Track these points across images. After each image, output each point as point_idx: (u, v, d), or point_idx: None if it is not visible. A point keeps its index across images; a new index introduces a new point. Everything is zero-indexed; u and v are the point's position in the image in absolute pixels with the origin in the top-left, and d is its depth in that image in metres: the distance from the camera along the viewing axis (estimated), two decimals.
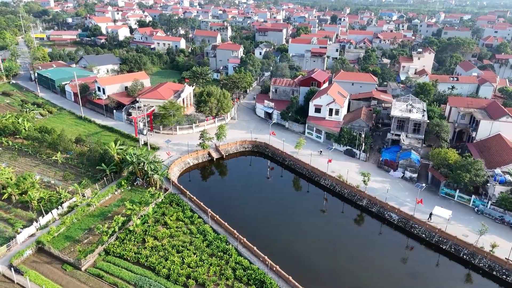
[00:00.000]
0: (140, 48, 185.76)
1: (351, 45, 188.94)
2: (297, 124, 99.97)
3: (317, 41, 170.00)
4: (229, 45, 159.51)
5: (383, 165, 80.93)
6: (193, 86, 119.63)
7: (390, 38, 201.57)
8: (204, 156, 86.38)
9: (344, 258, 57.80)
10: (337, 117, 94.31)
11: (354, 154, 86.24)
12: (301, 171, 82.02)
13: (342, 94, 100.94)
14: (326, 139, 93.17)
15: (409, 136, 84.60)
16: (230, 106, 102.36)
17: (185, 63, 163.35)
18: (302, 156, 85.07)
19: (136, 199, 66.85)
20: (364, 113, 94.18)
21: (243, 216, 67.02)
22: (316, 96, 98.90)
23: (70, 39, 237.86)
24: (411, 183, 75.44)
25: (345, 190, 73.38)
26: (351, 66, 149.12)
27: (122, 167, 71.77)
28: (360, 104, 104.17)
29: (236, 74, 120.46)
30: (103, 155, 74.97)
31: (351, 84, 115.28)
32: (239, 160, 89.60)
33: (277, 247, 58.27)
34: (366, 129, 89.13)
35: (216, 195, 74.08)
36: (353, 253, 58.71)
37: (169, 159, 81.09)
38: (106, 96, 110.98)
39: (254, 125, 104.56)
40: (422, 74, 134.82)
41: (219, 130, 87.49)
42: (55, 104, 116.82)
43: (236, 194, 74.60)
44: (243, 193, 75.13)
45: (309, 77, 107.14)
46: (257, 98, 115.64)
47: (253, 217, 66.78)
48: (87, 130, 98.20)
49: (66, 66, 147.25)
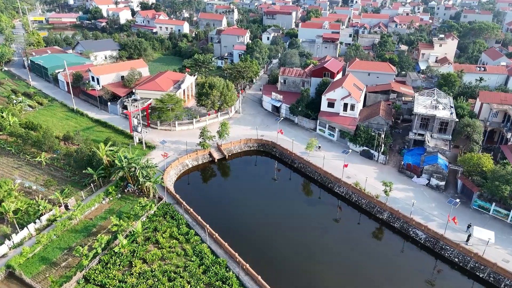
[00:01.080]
0: (141, 33, 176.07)
1: (365, 29, 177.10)
2: (308, 119, 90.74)
3: (329, 25, 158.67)
4: (235, 30, 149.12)
5: (405, 170, 71.84)
6: (195, 76, 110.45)
7: (407, 22, 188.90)
8: (204, 156, 77.96)
9: (364, 280, 49.71)
10: (352, 112, 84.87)
11: (371, 156, 77.16)
12: (312, 176, 73.35)
13: (358, 86, 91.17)
14: (340, 137, 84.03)
15: (435, 137, 75.17)
16: (234, 99, 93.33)
17: (188, 49, 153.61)
18: (313, 157, 76.24)
19: (126, 210, 58.99)
20: (382, 109, 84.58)
21: (246, 231, 58.93)
22: (329, 89, 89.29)
23: (70, 22, 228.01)
24: (438, 192, 66.49)
25: (362, 200, 64.69)
26: (366, 53, 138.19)
27: (111, 172, 63.67)
28: (378, 98, 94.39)
29: (242, 62, 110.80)
30: (91, 157, 66.95)
31: (367, 75, 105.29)
32: (243, 161, 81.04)
33: (285, 273, 50.28)
34: (385, 128, 79.78)
35: (216, 203, 65.88)
36: (373, 274, 50.58)
37: (165, 161, 72.84)
38: (101, 86, 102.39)
39: (260, 120, 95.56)
40: (444, 62, 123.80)
41: (222, 127, 78.75)
42: (47, 94, 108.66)
43: (239, 202, 66.36)
44: (247, 201, 66.84)
45: (321, 67, 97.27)
46: (264, 89, 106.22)
47: (257, 233, 58.60)
48: (79, 124, 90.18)
49: (62, 52, 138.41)
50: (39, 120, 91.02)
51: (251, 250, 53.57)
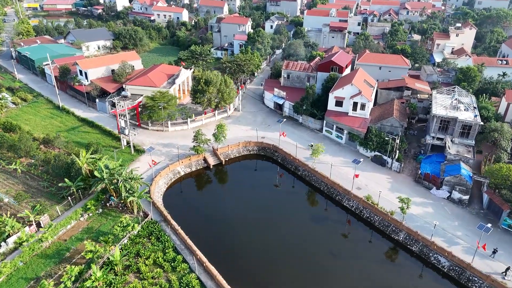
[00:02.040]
0: (137, 20, 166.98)
1: (374, 17, 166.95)
2: (313, 119, 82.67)
3: (336, 13, 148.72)
4: (236, 18, 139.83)
5: (423, 180, 63.99)
6: (192, 69, 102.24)
7: (419, 8, 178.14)
8: (198, 162, 70.44)
9: None
10: (363, 112, 76.67)
11: (384, 162, 69.28)
12: (317, 186, 65.71)
13: (369, 83, 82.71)
14: (349, 140, 76.07)
15: (456, 142, 67.05)
16: (233, 96, 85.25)
17: (186, 38, 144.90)
18: (319, 164, 68.50)
19: (106, 229, 51.92)
20: (396, 109, 76.29)
21: (243, 253, 51.75)
22: (337, 85, 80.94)
23: (66, 9, 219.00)
24: (461, 207, 58.73)
25: (375, 217, 57.11)
26: (376, 44, 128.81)
27: (91, 184, 56.41)
28: (390, 95, 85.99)
29: (242, 54, 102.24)
30: (69, 166, 59.66)
31: (378, 69, 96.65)
32: (242, 167, 73.45)
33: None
34: (400, 130, 71.67)
35: (209, 219, 58.55)
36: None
37: (155, 168, 65.49)
38: (89, 81, 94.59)
39: (261, 119, 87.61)
40: (460, 54, 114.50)
41: (218, 130, 70.98)
42: (33, 89, 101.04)
43: (236, 217, 59.04)
44: (245, 216, 59.52)
45: (328, 61, 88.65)
46: (266, 84, 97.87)
47: (256, 255, 51.47)
48: (63, 124, 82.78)
49: (52, 43, 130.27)
50: (20, 119, 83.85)
51: (249, 280, 46.48)
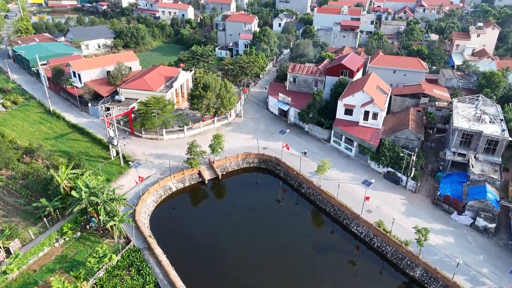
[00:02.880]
0: (141, 17, 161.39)
1: (388, 15, 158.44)
2: (321, 128, 75.84)
3: (348, 10, 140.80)
4: (241, 16, 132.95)
5: (442, 202, 56.83)
6: (192, 71, 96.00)
7: (436, 5, 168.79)
8: (192, 177, 64.27)
9: None
10: (375, 122, 69.57)
11: (398, 180, 62.21)
12: (323, 206, 59.00)
13: (382, 89, 75.48)
14: (359, 153, 69.12)
15: (480, 159, 59.63)
16: (234, 102, 78.78)
17: (190, 36, 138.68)
18: (326, 181, 61.76)
19: (81, 258, 46.16)
20: (412, 119, 68.98)
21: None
22: (346, 92, 73.90)
23: (71, 5, 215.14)
24: (486, 237, 51.55)
25: (387, 248, 50.26)
26: (390, 44, 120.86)
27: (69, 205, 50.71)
28: (406, 102, 78.63)
29: (245, 56, 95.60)
30: (48, 182, 54.08)
31: (392, 72, 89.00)
32: (240, 182, 66.99)
33: None
34: (417, 144, 64.47)
35: (201, 244, 52.29)
36: None
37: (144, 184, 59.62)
38: (82, 83, 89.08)
39: (264, 126, 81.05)
40: (482, 56, 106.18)
41: (215, 141, 64.68)
42: (25, 91, 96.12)
43: (231, 241, 52.78)
44: (241, 240, 53.25)
45: (338, 64, 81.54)
46: (270, 87, 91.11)
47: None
48: (52, 130, 77.43)
49: (51, 41, 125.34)
50: (8, 124, 78.82)
51: None
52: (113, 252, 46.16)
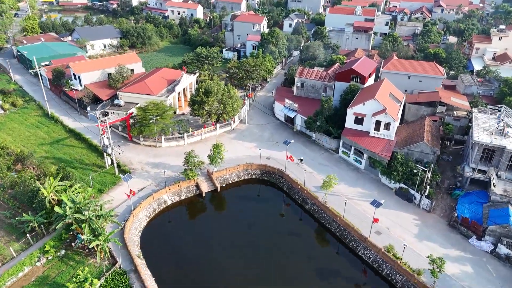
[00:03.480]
0: (150, 17, 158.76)
1: (404, 15, 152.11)
2: (329, 138, 71.21)
3: (362, 11, 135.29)
4: (250, 17, 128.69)
5: (459, 225, 51.77)
6: (196, 74, 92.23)
7: (455, 6, 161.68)
8: (189, 189, 60.45)
9: None
10: (387, 133, 64.63)
11: (411, 198, 57.27)
12: (328, 226, 54.49)
13: (395, 97, 70.43)
14: (369, 166, 64.30)
15: (503, 177, 54.31)
16: (237, 108, 74.70)
17: (198, 37, 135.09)
18: (332, 196, 57.24)
19: (62, 281, 42.75)
20: (428, 130, 63.83)
21: None
22: (357, 100, 69.13)
23: (81, 4, 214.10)
24: (509, 266, 46.38)
25: (398, 276, 45.53)
26: (405, 46, 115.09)
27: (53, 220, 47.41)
28: (421, 111, 73.40)
29: (252, 58, 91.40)
30: (34, 194, 50.93)
31: (406, 77, 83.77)
32: (240, 195, 62.71)
33: None
34: (432, 158, 59.40)
35: (195, 265, 48.44)
36: None
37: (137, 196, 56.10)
38: (82, 86, 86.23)
39: (269, 134, 76.79)
40: (504, 61, 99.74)
41: (214, 151, 60.72)
42: (26, 92, 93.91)
43: (228, 262, 48.77)
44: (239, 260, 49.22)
45: (348, 69, 76.71)
46: (277, 92, 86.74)
47: None
48: (49, 135, 74.62)
49: (57, 40, 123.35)
50: (4, 128, 76.44)
51: None
52: (96, 276, 42.62)
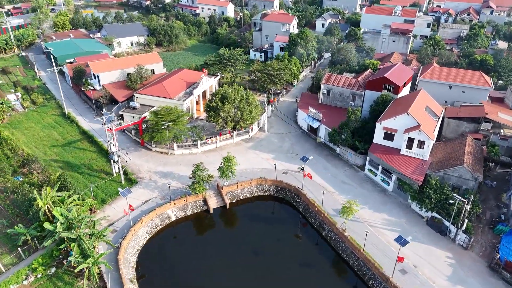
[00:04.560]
0: (180, 14, 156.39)
1: (449, 17, 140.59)
2: (354, 152, 64.48)
3: (402, 11, 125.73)
4: (279, 16, 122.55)
5: (501, 268, 43.97)
6: (217, 76, 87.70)
7: (506, 7, 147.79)
8: (196, 204, 55.91)
9: None
10: (420, 152, 57.14)
11: (445, 230, 49.81)
12: (346, 258, 48.15)
13: (432, 110, 62.57)
14: (398, 188, 57.11)
15: None
16: (256, 116, 69.39)
17: (226, 36, 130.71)
18: (352, 223, 50.84)
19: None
20: (469, 151, 55.78)
21: None
22: (388, 112, 61.93)
23: (117, 0, 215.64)
24: None
25: None
26: (448, 51, 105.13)
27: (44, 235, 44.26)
28: (462, 127, 64.98)
29: (276, 62, 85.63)
30: (31, 203, 48.16)
31: (447, 88, 75.27)
32: (251, 214, 57.25)
33: None
34: (473, 185, 51.53)
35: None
36: None
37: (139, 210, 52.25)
38: (101, 86, 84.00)
39: (289, 144, 71.02)
40: None
41: (224, 164, 55.83)
42: (48, 90, 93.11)
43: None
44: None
45: (380, 77, 69.33)
46: (302, 99, 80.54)
47: None
48: (62, 136, 72.69)
49: (85, 37, 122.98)
50: (20, 127, 75.33)
51: None
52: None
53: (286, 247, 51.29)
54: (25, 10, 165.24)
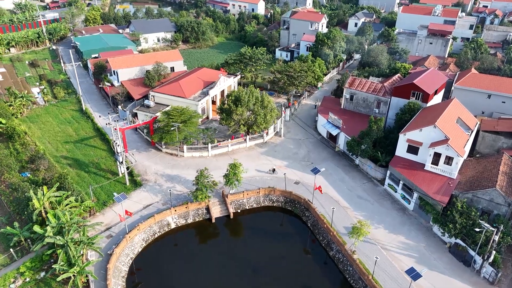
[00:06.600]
0: (210, 11, 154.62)
1: (495, 18, 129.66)
2: (374, 165, 59.28)
3: (442, 11, 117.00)
4: (308, 14, 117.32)
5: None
6: (237, 76, 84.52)
7: None
8: (198, 212, 53.07)
9: None
10: (447, 169, 51.28)
11: (469, 260, 44.04)
12: (353, 283, 43.56)
13: (465, 123, 56.17)
14: (420, 208, 51.56)
15: None
16: (271, 120, 65.59)
17: (253, 34, 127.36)
18: (363, 245, 46.13)
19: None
20: (504, 171, 49.32)
21: None
22: (413, 123, 56.25)
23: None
24: None
25: None
26: (491, 56, 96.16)
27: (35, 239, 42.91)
28: (499, 142, 58.10)
29: (298, 63, 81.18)
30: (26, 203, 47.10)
31: (485, 97, 68.07)
32: (256, 226, 53.51)
33: None
34: (505, 211, 45.33)
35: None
36: None
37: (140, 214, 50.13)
38: (119, 82, 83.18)
39: (305, 152, 66.74)
40: None
41: (230, 171, 52.58)
42: (71, 84, 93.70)
43: None
44: None
45: (408, 83, 63.41)
46: (322, 104, 75.67)
47: None
48: (76, 133, 72.30)
49: (114, 32, 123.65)
50: (38, 121, 75.73)
51: None
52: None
53: (290, 265, 47.32)
54: (62, 4, 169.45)
